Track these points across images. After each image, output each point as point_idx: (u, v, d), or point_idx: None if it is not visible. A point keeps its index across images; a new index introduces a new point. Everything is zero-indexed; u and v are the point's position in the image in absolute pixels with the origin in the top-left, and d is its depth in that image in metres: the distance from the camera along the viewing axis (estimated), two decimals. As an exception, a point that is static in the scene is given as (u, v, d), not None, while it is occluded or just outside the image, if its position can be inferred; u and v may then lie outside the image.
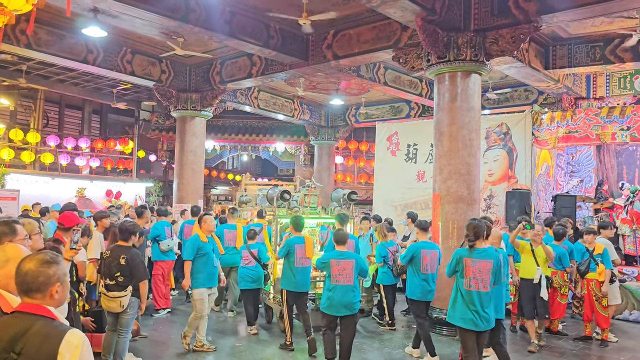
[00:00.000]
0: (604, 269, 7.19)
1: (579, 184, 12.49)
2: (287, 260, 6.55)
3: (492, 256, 4.89)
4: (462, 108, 7.94)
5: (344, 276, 5.57)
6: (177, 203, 12.32)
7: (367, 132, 18.22)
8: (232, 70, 11.56)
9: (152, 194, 19.43)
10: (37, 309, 2.07)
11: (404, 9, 7.14)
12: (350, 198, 8.39)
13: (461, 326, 4.89)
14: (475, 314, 4.80)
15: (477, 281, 4.83)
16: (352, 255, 5.82)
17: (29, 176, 14.99)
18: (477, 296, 4.81)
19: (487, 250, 4.94)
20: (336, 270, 5.57)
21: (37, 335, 1.99)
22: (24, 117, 16.59)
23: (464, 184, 7.86)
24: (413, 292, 6.46)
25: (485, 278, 4.82)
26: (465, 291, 4.87)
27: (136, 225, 5.67)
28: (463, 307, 4.86)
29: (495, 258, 4.90)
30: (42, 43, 9.73)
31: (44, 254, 2.18)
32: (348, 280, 5.58)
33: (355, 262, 5.66)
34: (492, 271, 4.83)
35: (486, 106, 12.52)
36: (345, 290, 5.56)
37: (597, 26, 9.27)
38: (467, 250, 4.91)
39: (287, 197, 7.92)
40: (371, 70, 11.45)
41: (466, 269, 4.86)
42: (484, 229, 4.99)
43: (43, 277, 2.09)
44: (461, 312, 4.88)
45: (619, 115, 10.35)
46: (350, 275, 5.59)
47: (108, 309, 5.36)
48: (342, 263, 5.61)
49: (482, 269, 4.83)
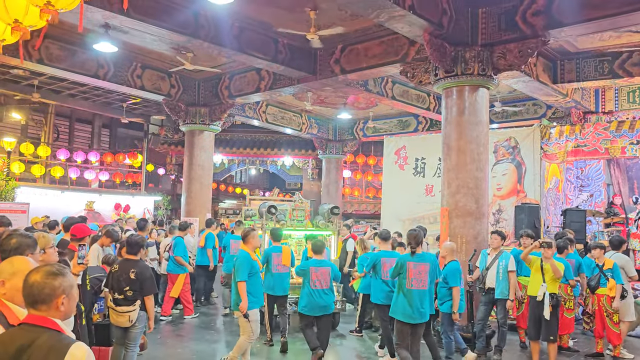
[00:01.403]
0: (614, 284, 7.08)
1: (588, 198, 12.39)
2: (266, 267, 7.22)
3: (429, 259, 5.78)
4: (470, 122, 7.94)
5: (321, 281, 6.38)
6: (185, 217, 12.35)
7: (375, 146, 18.23)
8: (241, 84, 11.65)
9: (161, 208, 19.50)
10: (43, 321, 2.07)
11: (411, 24, 7.19)
12: (332, 212, 9.13)
13: (400, 320, 5.70)
14: (414, 309, 5.62)
15: (417, 281, 5.66)
16: (328, 263, 6.69)
17: (39, 189, 15.11)
18: (417, 294, 5.62)
19: (424, 254, 5.82)
20: (315, 277, 6.34)
21: (42, 348, 1.99)
22: (34, 131, 16.78)
23: (472, 198, 7.83)
24: (377, 297, 6.96)
25: (423, 278, 5.67)
26: (407, 290, 5.64)
27: (144, 238, 5.68)
28: (404, 303, 5.66)
29: (432, 261, 5.79)
30: (54, 58, 9.87)
31: (51, 266, 2.19)
32: (325, 285, 6.40)
33: (330, 269, 6.54)
34: (429, 272, 5.70)
35: (494, 120, 12.51)
36: (323, 294, 6.36)
37: (605, 40, 9.27)
38: (409, 255, 5.73)
39: (274, 211, 8.88)
40: (379, 85, 11.49)
41: (408, 271, 5.65)
42: (422, 237, 5.94)
43: (48, 288, 2.09)
44: (402, 308, 5.68)
45: (629, 129, 10.29)
46: (327, 281, 6.43)
47: (116, 323, 5.34)
48: (320, 270, 6.42)
49: (421, 270, 5.67)
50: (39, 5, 3.62)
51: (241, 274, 5.88)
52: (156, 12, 7.80)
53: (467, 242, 7.69)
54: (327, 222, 9.16)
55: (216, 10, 8.20)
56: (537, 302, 6.60)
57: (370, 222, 16.36)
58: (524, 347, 7.79)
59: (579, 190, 12.45)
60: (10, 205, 11.79)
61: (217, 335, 8.24)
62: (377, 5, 6.58)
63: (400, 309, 5.71)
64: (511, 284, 6.96)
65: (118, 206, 16.65)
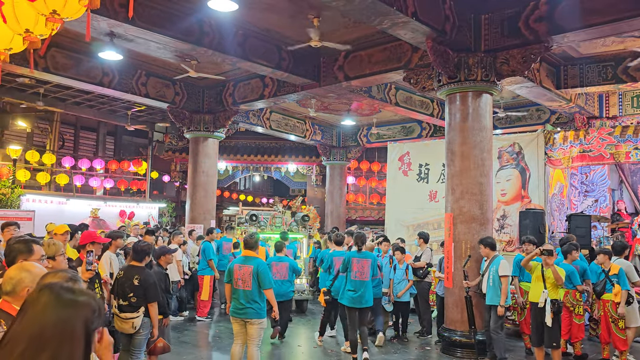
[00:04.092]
0: (619, 290, 7.04)
1: (593, 203, 12.37)
2: None
3: (370, 256, 7.24)
4: (473, 128, 7.94)
5: (281, 274, 8.19)
6: (189, 223, 12.39)
7: (378, 152, 18.25)
8: (245, 91, 11.70)
9: (165, 215, 19.54)
10: None
11: (414, 31, 7.22)
12: (303, 219, 11.41)
13: (347, 305, 7.02)
14: (357, 295, 6.93)
15: (360, 273, 7.00)
16: (287, 259, 8.38)
17: (44, 197, 15.19)
18: (360, 283, 6.94)
19: (366, 253, 7.25)
20: (275, 270, 8.00)
21: None
22: (40, 139, 16.88)
23: (476, 203, 7.82)
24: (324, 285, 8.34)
25: (365, 271, 7.00)
26: (352, 281, 6.98)
27: (150, 246, 5.70)
28: (350, 291, 6.98)
29: (373, 258, 7.27)
30: (60, 66, 9.95)
31: (66, 272, 2.22)
32: (284, 277, 8.20)
33: (288, 264, 8.30)
34: (370, 266, 7.08)
35: (498, 126, 12.50)
36: (281, 283, 8.06)
37: (608, 46, 9.28)
38: (355, 252, 7.14)
39: (255, 218, 10.93)
40: (382, 91, 11.52)
41: (353, 265, 7.00)
42: (366, 238, 7.58)
43: None
44: (348, 295, 7.00)
45: (633, 134, 10.27)
46: (285, 274, 8.24)
47: (121, 329, 5.35)
48: (279, 264, 8.25)
49: (364, 265, 7.04)
50: (45, 15, 3.66)
51: (269, 282, 5.85)
52: (161, 21, 7.87)
53: (471, 248, 7.67)
54: (300, 227, 11.41)
55: (220, 17, 8.26)
56: (538, 308, 6.56)
57: (375, 228, 16.34)
58: (529, 354, 7.74)
59: (583, 196, 12.43)
60: (15, 212, 11.86)
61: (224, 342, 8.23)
62: (380, 13, 6.62)
63: (347, 295, 7.01)
64: (502, 289, 6.86)
65: (123, 213, 16.70)
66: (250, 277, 5.73)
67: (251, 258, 5.89)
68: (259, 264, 5.85)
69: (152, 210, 18.13)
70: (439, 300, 8.63)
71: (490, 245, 7.18)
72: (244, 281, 5.75)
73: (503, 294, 6.86)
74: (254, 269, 5.74)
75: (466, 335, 7.48)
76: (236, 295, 5.78)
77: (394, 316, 8.69)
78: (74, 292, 1.45)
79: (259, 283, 5.72)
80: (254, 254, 6.00)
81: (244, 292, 5.73)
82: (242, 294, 5.73)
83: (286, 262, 8.30)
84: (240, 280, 5.77)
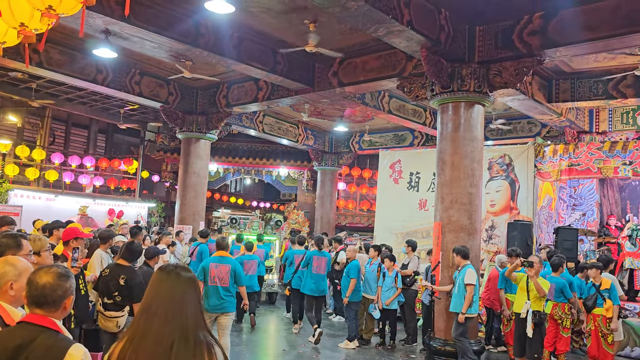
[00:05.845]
0: (611, 305, 7.05)
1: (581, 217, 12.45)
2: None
3: (327, 255, 9.18)
4: (465, 138, 8.00)
5: (252, 270, 9.51)
6: (178, 224, 12.33)
7: (370, 159, 18.28)
8: (239, 94, 11.69)
9: (154, 215, 19.44)
10: (44, 321, 2.09)
11: (409, 39, 7.27)
12: (276, 224, 13.93)
13: (308, 294, 8.67)
14: (316, 286, 8.68)
15: (319, 268, 8.70)
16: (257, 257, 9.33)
17: (33, 192, 15.05)
18: (319, 277, 8.73)
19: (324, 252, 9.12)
20: (247, 266, 9.21)
21: (42, 347, 2.01)
22: (30, 134, 16.74)
23: (465, 213, 7.86)
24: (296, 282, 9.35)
25: (322, 267, 8.80)
26: (313, 274, 8.65)
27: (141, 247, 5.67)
28: (310, 283, 8.65)
29: (328, 256, 9.22)
30: (54, 62, 9.90)
31: (58, 268, 2.23)
32: (253, 272, 9.61)
33: (257, 262, 9.68)
34: (327, 263, 8.96)
35: (489, 137, 12.59)
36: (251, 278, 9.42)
37: (599, 62, 9.39)
38: (316, 251, 8.89)
39: (235, 222, 13.00)
40: (376, 98, 11.57)
41: (313, 261, 8.72)
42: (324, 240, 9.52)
43: (61, 290, 2.15)
44: (309, 285, 8.67)
45: (622, 150, 10.39)
46: (255, 269, 9.66)
47: (105, 328, 5.32)
48: (250, 262, 9.49)
49: (321, 261, 8.85)
50: (41, 9, 3.65)
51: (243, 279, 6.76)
52: (157, 20, 7.86)
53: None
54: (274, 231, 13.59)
55: (216, 19, 8.26)
56: (520, 319, 6.63)
57: (364, 235, 16.36)
58: (513, 364, 7.80)
59: (571, 209, 12.52)
60: (3, 207, 11.75)
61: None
62: (376, 20, 6.66)
63: (308, 286, 8.69)
64: (466, 297, 6.91)
65: (111, 212, 16.58)
66: (227, 275, 6.47)
67: (226, 258, 6.63)
68: (235, 264, 6.64)
69: (142, 209, 18.02)
70: (425, 309, 8.67)
71: (461, 253, 7.23)
72: (220, 278, 6.44)
73: (466, 302, 6.89)
74: (232, 268, 6.53)
75: (450, 344, 7.51)
76: (213, 291, 6.39)
77: (380, 323, 8.70)
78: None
79: (235, 280, 6.50)
80: (227, 254, 6.75)
81: (222, 288, 6.40)
82: (220, 290, 6.38)
83: (255, 259, 9.79)
84: (217, 277, 6.43)
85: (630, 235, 10.05)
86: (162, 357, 1.85)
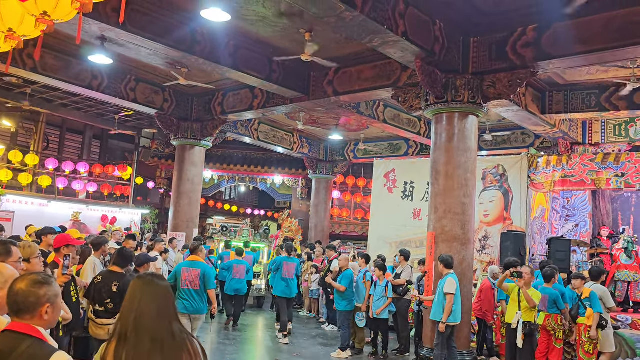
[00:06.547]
0: (592, 313, 7.08)
1: (574, 228, 12.49)
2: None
3: (295, 261, 9.91)
4: (458, 148, 8.03)
5: (240, 273, 10.27)
6: (171, 231, 12.28)
7: (365, 168, 18.31)
8: (234, 101, 11.71)
9: (148, 221, 19.35)
10: (27, 329, 2.07)
11: (404, 50, 7.31)
12: (265, 232, 14.73)
13: (280, 295, 9.45)
14: (287, 289, 9.46)
15: (289, 272, 9.54)
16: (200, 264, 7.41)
17: (25, 198, 14.96)
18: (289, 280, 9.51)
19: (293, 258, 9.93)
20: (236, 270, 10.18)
21: (23, 356, 1.99)
22: (24, 139, 16.67)
23: (458, 223, 7.87)
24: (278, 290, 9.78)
25: (292, 271, 9.59)
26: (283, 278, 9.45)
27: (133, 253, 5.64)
28: (282, 286, 9.44)
29: (297, 262, 9.96)
30: (49, 68, 9.89)
31: (36, 275, 2.20)
32: (242, 276, 10.29)
33: (245, 266, 10.31)
34: (296, 268, 9.76)
35: (483, 147, 12.65)
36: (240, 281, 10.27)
37: (592, 74, 9.48)
38: (286, 257, 9.78)
39: (225, 229, 13.62)
40: (371, 108, 11.61)
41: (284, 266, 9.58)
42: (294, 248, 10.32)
43: (33, 297, 2.10)
44: (281, 288, 9.46)
45: (614, 161, 10.45)
46: (243, 274, 10.28)
47: (95, 335, 5.27)
48: (239, 266, 10.25)
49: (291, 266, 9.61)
50: (35, 15, 3.65)
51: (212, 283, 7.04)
52: (153, 27, 7.87)
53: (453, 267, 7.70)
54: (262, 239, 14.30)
55: (213, 27, 8.29)
56: (511, 329, 6.65)
57: (358, 243, 16.35)
58: (505, 375, 7.79)
59: (564, 220, 12.57)
60: (-5, 212, 11.67)
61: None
62: (371, 31, 6.70)
63: (280, 289, 9.49)
64: (445, 307, 6.89)
65: (105, 218, 16.50)
66: (198, 279, 6.81)
67: (197, 262, 6.99)
68: (205, 268, 6.97)
69: (135, 216, 17.94)
70: (417, 318, 8.65)
71: (444, 262, 7.20)
72: (191, 282, 6.80)
73: (445, 311, 6.88)
74: (202, 272, 6.85)
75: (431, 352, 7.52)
76: (185, 294, 6.77)
77: (372, 333, 8.68)
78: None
79: (204, 284, 6.80)
80: (199, 258, 7.10)
81: (194, 291, 6.78)
82: (192, 293, 6.77)
83: (244, 264, 10.43)
84: (188, 281, 6.79)
85: (626, 247, 10.08)
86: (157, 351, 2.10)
